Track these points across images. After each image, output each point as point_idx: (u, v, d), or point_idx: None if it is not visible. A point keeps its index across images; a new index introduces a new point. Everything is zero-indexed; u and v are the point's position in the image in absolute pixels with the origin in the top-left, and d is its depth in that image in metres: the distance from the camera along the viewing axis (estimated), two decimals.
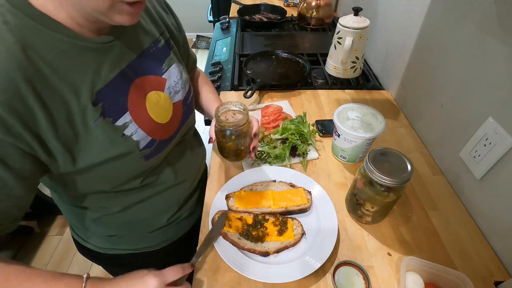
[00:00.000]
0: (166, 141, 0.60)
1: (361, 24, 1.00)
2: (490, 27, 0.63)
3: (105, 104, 0.48)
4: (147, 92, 0.56)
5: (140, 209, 0.65)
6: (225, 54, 1.32)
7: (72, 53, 0.44)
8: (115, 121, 0.50)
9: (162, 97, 0.58)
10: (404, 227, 0.68)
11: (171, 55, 0.62)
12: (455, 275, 0.55)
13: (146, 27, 0.57)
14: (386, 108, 1.03)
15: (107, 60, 0.49)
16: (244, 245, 0.61)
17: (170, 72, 0.61)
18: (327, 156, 0.85)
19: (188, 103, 0.67)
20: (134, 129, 0.52)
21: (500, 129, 0.60)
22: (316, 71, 1.21)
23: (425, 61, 0.88)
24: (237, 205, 0.68)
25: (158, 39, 0.60)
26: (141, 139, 0.54)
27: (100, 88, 0.47)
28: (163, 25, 0.62)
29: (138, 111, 0.53)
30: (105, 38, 0.48)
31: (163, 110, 0.58)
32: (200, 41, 3.58)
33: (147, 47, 0.57)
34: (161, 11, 0.63)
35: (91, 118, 0.46)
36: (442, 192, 0.76)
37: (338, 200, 0.73)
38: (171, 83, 0.61)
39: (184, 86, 0.65)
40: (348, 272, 0.58)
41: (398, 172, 0.57)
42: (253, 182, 0.75)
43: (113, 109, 0.49)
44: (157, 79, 0.58)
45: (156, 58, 0.58)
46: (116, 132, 0.50)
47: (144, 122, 0.54)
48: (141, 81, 0.55)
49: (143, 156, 0.55)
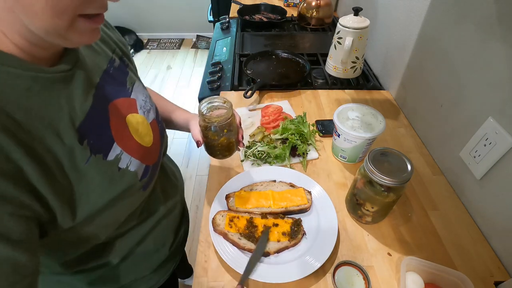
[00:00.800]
0: (155, 165, 0.56)
1: (361, 24, 1.00)
2: (490, 27, 0.63)
3: (90, 139, 0.42)
4: (125, 116, 0.50)
5: (140, 252, 0.59)
6: (225, 54, 1.32)
7: (35, 89, 0.37)
8: (106, 156, 0.44)
9: (139, 119, 0.53)
10: (404, 227, 0.68)
11: (129, 73, 0.57)
12: (455, 275, 0.55)
13: (96, 48, 0.51)
14: (386, 108, 1.03)
15: (76, 89, 0.42)
16: (244, 245, 0.61)
17: (136, 92, 0.56)
18: (327, 156, 0.85)
19: (161, 120, 0.62)
20: (127, 160, 0.47)
21: (500, 129, 0.60)
22: (316, 71, 1.21)
23: (425, 61, 0.88)
24: (237, 205, 0.68)
25: (113, 59, 0.53)
26: (138, 168, 0.49)
27: (80, 122, 0.41)
28: (111, 42, 0.56)
29: (125, 139, 0.48)
30: (64, 66, 0.41)
31: (145, 132, 0.54)
32: (200, 41, 3.58)
33: (106, 69, 0.50)
34: (104, 28, 0.56)
35: (81, 159, 0.40)
36: (442, 192, 0.76)
37: (338, 200, 0.73)
38: (141, 102, 0.56)
39: (151, 103, 0.60)
40: (348, 272, 0.58)
41: (398, 172, 0.57)
42: (253, 182, 0.75)
43: (101, 143, 0.44)
44: (127, 101, 0.53)
45: (117, 79, 0.53)
46: (111, 168, 0.44)
47: (134, 149, 0.49)
48: (114, 105, 0.49)
49: (142, 187, 0.51)
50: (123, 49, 0.58)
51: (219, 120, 0.59)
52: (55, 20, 0.33)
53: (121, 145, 0.47)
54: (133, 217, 0.54)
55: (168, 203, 0.64)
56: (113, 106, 0.48)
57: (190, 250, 1.60)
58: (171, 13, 3.48)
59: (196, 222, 1.76)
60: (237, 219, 0.65)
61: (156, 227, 0.61)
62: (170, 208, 0.65)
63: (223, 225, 0.64)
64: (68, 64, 0.41)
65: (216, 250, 0.61)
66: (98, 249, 0.52)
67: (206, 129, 0.61)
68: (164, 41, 3.66)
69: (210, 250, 0.63)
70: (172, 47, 3.57)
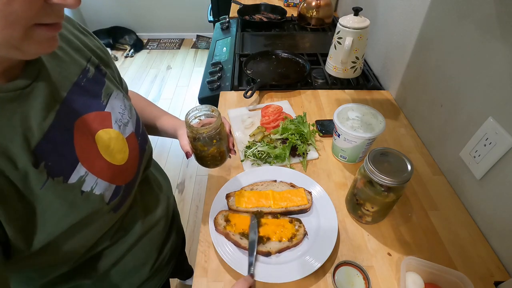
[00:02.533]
0: (131, 183, 0.53)
1: (361, 24, 1.00)
2: (490, 27, 0.63)
3: (48, 162, 0.38)
4: (94, 133, 0.47)
5: (117, 272, 0.56)
6: (225, 54, 1.32)
7: None
8: (67, 178, 0.41)
9: (113, 135, 0.49)
10: (404, 227, 0.68)
11: (106, 83, 0.52)
12: (455, 275, 0.55)
13: (66, 58, 0.46)
14: (386, 108, 1.03)
15: (33, 107, 0.38)
16: (246, 245, 0.61)
17: (112, 104, 0.51)
18: (327, 156, 0.85)
19: (141, 133, 0.58)
20: (93, 181, 0.44)
21: (500, 129, 0.60)
22: (316, 71, 1.21)
23: (425, 61, 0.88)
24: (237, 205, 0.68)
25: (86, 68, 0.49)
26: (105, 190, 0.45)
27: (36, 143, 0.38)
28: (87, 50, 0.51)
29: (91, 159, 0.45)
30: (20, 83, 0.37)
31: (118, 149, 0.50)
32: (200, 41, 3.58)
33: (76, 81, 0.46)
34: (80, 36, 0.52)
35: (36, 184, 0.37)
36: (442, 192, 0.76)
37: (338, 200, 0.73)
38: (117, 115, 0.52)
39: (131, 114, 0.56)
40: (348, 272, 0.58)
41: (398, 172, 0.57)
42: (253, 182, 0.75)
43: (61, 164, 0.40)
44: (100, 115, 0.49)
45: (90, 91, 0.48)
46: (73, 192, 0.41)
47: (102, 170, 0.46)
48: (83, 121, 0.45)
49: (112, 209, 0.48)
50: (101, 56, 0.54)
51: (207, 131, 0.55)
52: (8, 31, 0.30)
53: (86, 166, 0.43)
54: (105, 238, 0.51)
55: (150, 218, 0.60)
56: (81, 122, 0.45)
57: (190, 250, 1.60)
58: (171, 13, 3.48)
59: (196, 222, 1.76)
60: (238, 219, 0.65)
61: (135, 246, 0.58)
62: (152, 224, 0.61)
63: (224, 225, 0.64)
64: (27, 79, 0.38)
65: (216, 250, 0.61)
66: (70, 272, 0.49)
67: (194, 140, 0.58)
68: (164, 41, 3.66)
69: (210, 250, 0.63)
70: (172, 47, 3.57)
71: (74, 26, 0.52)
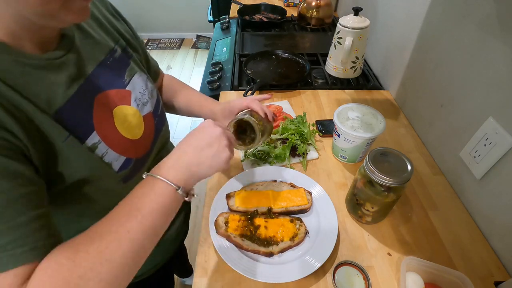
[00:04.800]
0: (143, 158, 0.56)
1: (361, 24, 1.00)
2: (490, 27, 0.63)
3: (68, 124, 0.44)
4: (113, 108, 0.51)
5: None
6: (225, 54, 1.32)
7: (15, 71, 0.39)
8: (82, 142, 0.45)
9: (130, 111, 0.54)
10: (404, 227, 0.68)
11: (131, 64, 0.58)
12: (455, 275, 0.55)
13: (97, 38, 0.52)
14: (386, 108, 1.03)
15: (61, 77, 0.44)
16: (248, 247, 0.61)
17: (133, 83, 0.57)
18: (327, 156, 0.85)
19: (159, 114, 0.62)
20: (104, 149, 0.48)
21: (500, 129, 0.60)
22: (316, 71, 1.21)
23: (425, 61, 0.88)
24: (238, 205, 0.68)
25: (114, 49, 0.55)
26: (114, 160, 0.50)
27: (58, 107, 0.43)
28: (116, 33, 0.57)
29: (106, 130, 0.49)
30: (53, 54, 0.43)
31: (134, 125, 0.54)
32: (200, 41, 3.58)
33: (103, 59, 0.52)
34: (111, 19, 0.58)
35: (58, 137, 0.42)
36: (442, 192, 0.76)
37: (338, 200, 0.73)
38: (137, 94, 0.56)
39: (152, 95, 0.60)
40: (348, 272, 0.58)
41: (398, 172, 0.57)
42: (253, 182, 0.75)
43: (79, 129, 0.45)
44: (121, 93, 0.54)
45: (115, 70, 0.54)
46: (87, 153, 0.46)
47: (114, 141, 0.50)
48: (104, 96, 0.50)
49: (121, 179, 0.51)
50: (129, 40, 0.60)
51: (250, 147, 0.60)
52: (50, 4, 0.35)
53: (100, 135, 0.48)
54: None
55: None
56: (102, 96, 0.50)
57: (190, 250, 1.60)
58: (171, 13, 3.48)
59: (196, 222, 1.76)
60: (239, 221, 0.65)
61: None
62: None
63: (225, 227, 0.64)
64: (60, 52, 0.44)
65: (216, 250, 0.61)
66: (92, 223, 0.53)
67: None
68: (164, 41, 3.66)
69: (210, 250, 0.63)
70: (172, 47, 3.57)
71: (107, 9, 0.58)
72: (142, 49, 0.66)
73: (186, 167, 0.45)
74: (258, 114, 0.63)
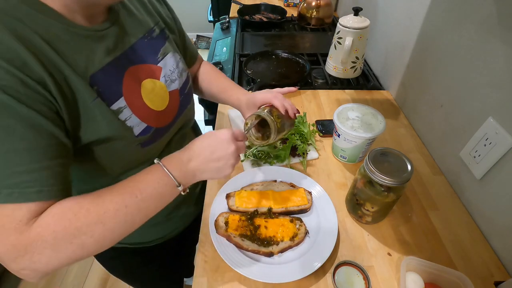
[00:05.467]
0: (163, 129, 0.61)
1: (361, 24, 1.00)
2: (490, 27, 0.63)
3: (99, 88, 0.49)
4: (142, 80, 0.57)
5: None
6: (225, 54, 1.32)
7: (64, 38, 0.45)
8: (110, 105, 0.51)
9: (158, 85, 0.60)
10: (404, 227, 0.68)
11: (166, 44, 0.63)
12: (455, 275, 0.55)
13: (140, 17, 0.59)
14: (386, 108, 1.03)
15: (100, 47, 0.50)
16: (248, 247, 0.61)
17: (165, 61, 0.62)
18: (327, 156, 0.85)
19: (186, 93, 0.67)
20: (128, 114, 0.53)
21: (500, 129, 0.60)
22: (316, 71, 1.21)
23: (425, 61, 0.88)
24: (237, 205, 0.68)
25: (153, 29, 0.61)
26: (135, 125, 0.55)
27: (93, 72, 0.48)
28: (157, 15, 0.64)
29: (133, 98, 0.54)
30: (98, 27, 0.50)
31: (159, 97, 0.59)
32: (200, 41, 3.58)
33: (141, 37, 0.58)
34: (154, 2, 0.65)
35: (88, 98, 0.47)
36: (442, 192, 0.76)
37: (338, 200, 0.73)
38: (166, 71, 0.62)
39: (181, 75, 0.66)
40: (348, 272, 0.58)
41: (398, 172, 0.57)
42: (253, 182, 0.75)
43: (108, 93, 0.51)
44: (152, 68, 0.59)
45: (150, 47, 0.60)
46: (112, 115, 0.51)
47: (139, 108, 0.55)
48: (136, 69, 0.56)
49: (140, 143, 0.56)
50: (168, 23, 0.67)
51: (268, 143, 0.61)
52: None
53: (127, 101, 0.53)
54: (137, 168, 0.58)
55: None
56: (134, 68, 0.56)
57: None
58: None
59: None
60: (239, 221, 0.65)
61: None
62: None
63: (225, 227, 0.64)
64: (104, 26, 0.51)
65: (216, 250, 0.61)
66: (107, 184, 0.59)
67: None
68: None
69: (210, 250, 0.63)
70: None
71: None
72: (181, 34, 0.72)
73: (192, 171, 0.50)
74: (279, 111, 0.63)
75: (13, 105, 0.39)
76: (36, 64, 0.41)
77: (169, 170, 0.48)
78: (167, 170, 0.48)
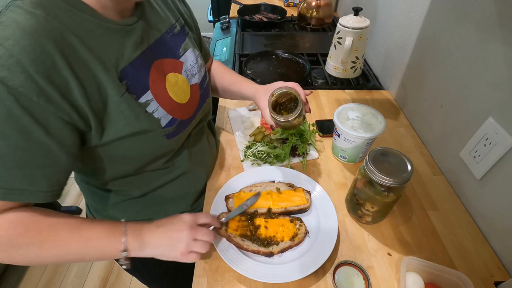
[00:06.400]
0: (186, 121, 0.64)
1: (361, 24, 1.00)
2: (490, 27, 0.63)
3: (128, 81, 0.51)
4: (166, 73, 0.59)
5: (159, 195, 0.67)
6: (225, 54, 1.32)
7: (97, 32, 0.47)
8: (138, 98, 0.53)
9: (180, 79, 0.62)
10: (404, 227, 0.68)
11: (186, 40, 0.66)
12: (455, 275, 0.55)
13: (162, 14, 0.61)
14: (386, 108, 1.03)
15: (130, 41, 0.52)
16: (248, 247, 0.61)
17: (186, 56, 0.65)
18: (327, 156, 0.85)
19: (205, 87, 0.70)
20: (155, 106, 0.55)
21: (500, 129, 0.60)
22: (316, 71, 1.21)
23: (425, 61, 0.88)
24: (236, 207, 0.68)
25: (174, 25, 0.64)
26: (162, 117, 0.57)
27: (123, 66, 0.50)
28: (177, 12, 0.67)
29: (159, 90, 0.57)
30: (128, 21, 0.52)
31: (182, 90, 0.62)
32: None
33: (165, 32, 0.61)
34: (176, 1, 0.68)
35: (117, 93, 0.49)
36: (442, 192, 0.76)
37: (338, 200, 0.73)
38: (187, 66, 0.65)
39: (200, 70, 0.69)
40: (348, 272, 0.58)
41: (398, 172, 0.57)
42: (252, 182, 0.74)
43: (136, 87, 0.52)
44: (175, 62, 0.62)
45: (173, 42, 0.62)
46: (140, 108, 0.53)
47: (164, 101, 0.57)
48: (160, 63, 0.58)
49: (165, 135, 0.58)
50: (187, 20, 0.70)
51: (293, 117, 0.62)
52: None
53: (153, 94, 0.55)
54: (158, 163, 0.62)
55: (193, 163, 0.70)
56: (159, 62, 0.58)
57: None
58: None
59: None
60: (239, 221, 0.65)
61: (177, 179, 0.68)
62: (193, 168, 0.70)
63: (225, 227, 0.64)
64: (132, 20, 0.52)
65: (216, 250, 0.61)
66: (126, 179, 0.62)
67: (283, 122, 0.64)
68: None
69: (210, 250, 0.63)
70: None
71: None
72: (198, 32, 0.75)
73: (146, 241, 0.54)
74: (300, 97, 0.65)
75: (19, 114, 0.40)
76: (63, 64, 0.42)
77: (128, 237, 0.52)
78: (124, 238, 0.52)
